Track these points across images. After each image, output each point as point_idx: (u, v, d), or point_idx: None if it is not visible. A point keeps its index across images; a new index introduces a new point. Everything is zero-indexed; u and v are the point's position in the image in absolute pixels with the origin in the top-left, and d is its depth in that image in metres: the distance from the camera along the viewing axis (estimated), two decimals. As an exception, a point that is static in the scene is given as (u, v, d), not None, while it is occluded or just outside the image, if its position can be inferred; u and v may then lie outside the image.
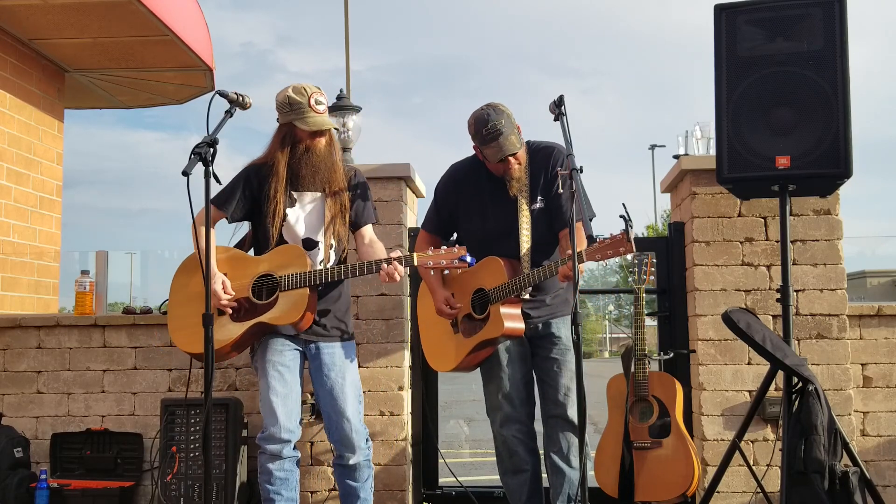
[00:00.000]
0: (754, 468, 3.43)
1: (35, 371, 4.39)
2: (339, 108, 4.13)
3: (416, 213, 4.39)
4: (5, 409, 4.36)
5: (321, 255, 3.16)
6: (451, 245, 2.98)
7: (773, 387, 3.27)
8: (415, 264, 2.95)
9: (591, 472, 3.25)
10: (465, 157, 3.45)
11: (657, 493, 3.36)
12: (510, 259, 3.22)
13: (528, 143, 3.34)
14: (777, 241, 3.72)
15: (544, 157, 3.29)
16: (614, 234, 2.85)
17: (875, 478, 3.71)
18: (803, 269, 3.73)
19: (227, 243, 3.31)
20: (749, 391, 3.69)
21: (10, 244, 5.45)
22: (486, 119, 3.15)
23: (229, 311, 3.09)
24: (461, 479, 4.05)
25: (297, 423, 3.15)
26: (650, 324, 3.95)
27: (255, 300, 3.10)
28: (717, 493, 3.34)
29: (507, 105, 3.22)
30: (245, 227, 3.37)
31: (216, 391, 4.17)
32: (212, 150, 2.67)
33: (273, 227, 3.13)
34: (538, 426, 3.38)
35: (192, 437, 4.03)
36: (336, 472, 3.26)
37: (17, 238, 5.53)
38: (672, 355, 3.82)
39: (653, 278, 3.72)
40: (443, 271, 3.40)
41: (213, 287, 3.02)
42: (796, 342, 3.67)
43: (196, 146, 2.67)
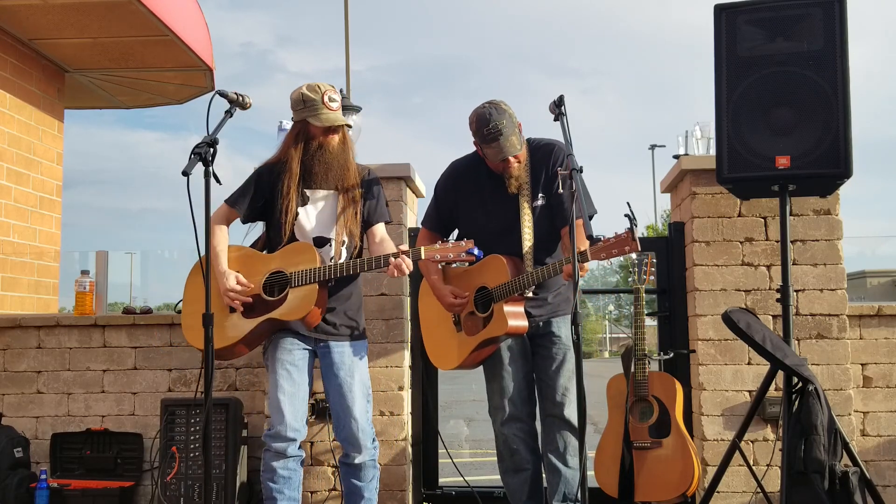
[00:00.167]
0: (754, 468, 3.43)
1: (35, 371, 4.39)
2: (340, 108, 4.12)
3: (416, 213, 4.39)
4: (5, 409, 4.36)
5: (332, 252, 3.17)
6: (458, 240, 2.98)
7: (773, 387, 3.26)
8: (422, 257, 2.95)
9: (590, 472, 3.25)
10: (465, 155, 3.45)
11: (657, 493, 3.36)
12: (513, 257, 3.22)
13: (528, 140, 3.34)
14: (777, 241, 3.72)
15: (545, 155, 3.29)
16: (619, 233, 2.84)
17: (875, 478, 3.71)
18: (803, 269, 3.73)
19: (241, 243, 3.33)
20: (749, 391, 3.69)
21: (10, 244, 5.45)
22: (487, 118, 3.14)
23: (240, 308, 3.11)
24: (461, 478, 4.05)
25: (304, 422, 3.16)
26: (650, 324, 3.95)
27: (265, 297, 3.12)
28: (717, 493, 3.34)
29: (508, 104, 3.22)
30: (259, 227, 3.39)
31: (216, 391, 4.17)
32: (212, 150, 2.68)
33: (285, 225, 3.15)
34: (538, 425, 3.38)
35: (192, 437, 4.03)
36: (341, 470, 3.27)
37: (17, 238, 5.53)
38: (672, 355, 3.82)
39: (653, 278, 3.72)
40: (443, 270, 3.41)
41: (226, 283, 3.10)
42: (796, 342, 3.67)
43: (196, 146, 2.68)
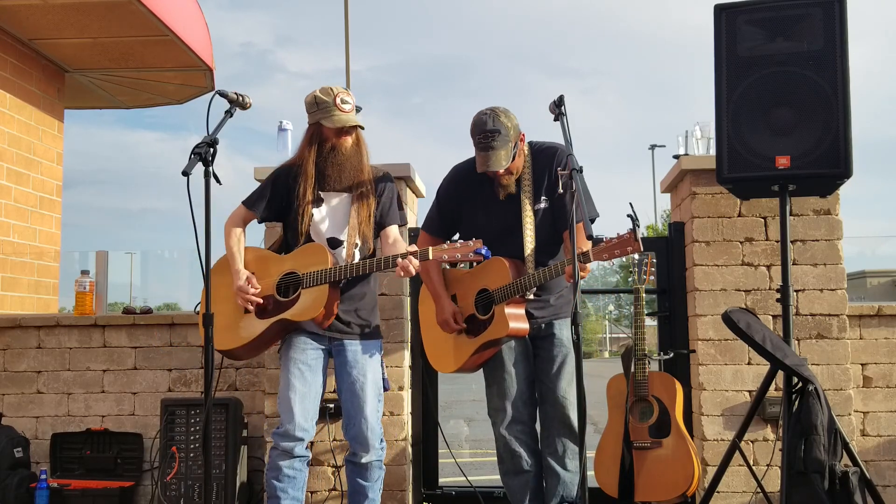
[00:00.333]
0: (754, 468, 3.43)
1: (35, 371, 4.39)
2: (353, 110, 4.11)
3: (416, 213, 4.38)
4: (5, 409, 4.36)
5: (345, 253, 3.18)
6: (467, 240, 2.98)
7: (773, 387, 3.26)
8: (430, 258, 2.95)
9: (590, 472, 3.25)
10: (467, 158, 3.44)
11: (657, 493, 3.36)
12: (514, 259, 3.21)
13: (530, 143, 3.33)
14: (777, 241, 3.72)
15: (547, 158, 3.28)
16: (621, 233, 2.84)
17: (875, 478, 3.71)
18: (803, 269, 3.73)
19: (259, 245, 3.38)
20: (749, 391, 3.69)
21: (10, 244, 5.45)
22: (482, 127, 3.14)
23: (251, 308, 3.15)
24: (461, 478, 4.05)
25: (313, 423, 3.17)
26: (650, 324, 3.95)
27: (279, 298, 3.15)
28: (717, 493, 3.34)
29: (508, 106, 3.21)
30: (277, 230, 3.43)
31: (216, 391, 4.17)
32: (212, 150, 2.69)
33: (301, 227, 3.19)
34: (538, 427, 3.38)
35: (192, 437, 4.03)
36: (347, 468, 3.28)
37: (17, 238, 5.53)
38: (672, 355, 3.81)
39: (653, 278, 3.72)
40: (444, 272, 3.41)
41: (238, 283, 3.15)
42: (796, 342, 3.67)
43: (196, 146, 2.69)
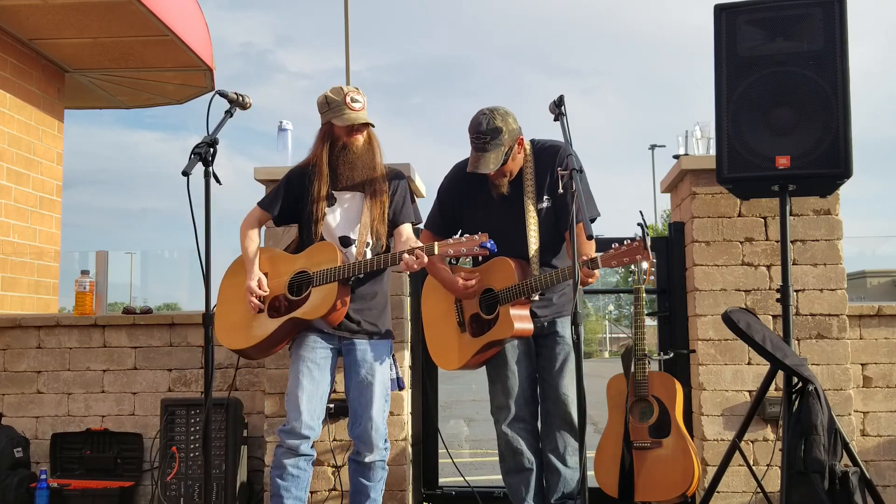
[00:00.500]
0: (754, 468, 3.43)
1: (35, 371, 4.39)
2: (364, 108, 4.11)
3: (416, 213, 4.38)
4: (5, 409, 4.36)
5: (355, 251, 3.19)
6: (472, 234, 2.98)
7: (773, 387, 3.26)
8: (436, 253, 2.95)
9: (590, 472, 3.25)
10: (467, 157, 3.43)
11: (657, 493, 3.36)
12: (519, 259, 3.20)
13: (532, 141, 3.32)
14: (777, 241, 3.72)
15: (550, 156, 3.26)
16: (631, 241, 2.85)
17: (875, 478, 3.71)
18: (803, 269, 3.73)
19: (276, 246, 3.40)
20: (749, 391, 3.69)
21: (10, 244, 5.45)
22: (477, 128, 3.13)
23: (256, 310, 3.17)
24: (461, 479, 4.05)
25: (319, 421, 3.18)
26: (650, 324, 3.95)
27: (290, 297, 3.17)
28: (717, 493, 3.34)
29: (509, 106, 3.19)
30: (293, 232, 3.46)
31: (216, 391, 4.17)
32: (212, 150, 2.70)
33: (314, 226, 3.21)
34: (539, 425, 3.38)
35: (192, 437, 4.03)
36: (350, 467, 3.28)
37: (17, 238, 5.54)
38: (672, 355, 3.81)
39: (653, 278, 3.72)
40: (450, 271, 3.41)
41: (248, 283, 3.19)
42: (796, 342, 3.67)
43: (196, 146, 2.69)
